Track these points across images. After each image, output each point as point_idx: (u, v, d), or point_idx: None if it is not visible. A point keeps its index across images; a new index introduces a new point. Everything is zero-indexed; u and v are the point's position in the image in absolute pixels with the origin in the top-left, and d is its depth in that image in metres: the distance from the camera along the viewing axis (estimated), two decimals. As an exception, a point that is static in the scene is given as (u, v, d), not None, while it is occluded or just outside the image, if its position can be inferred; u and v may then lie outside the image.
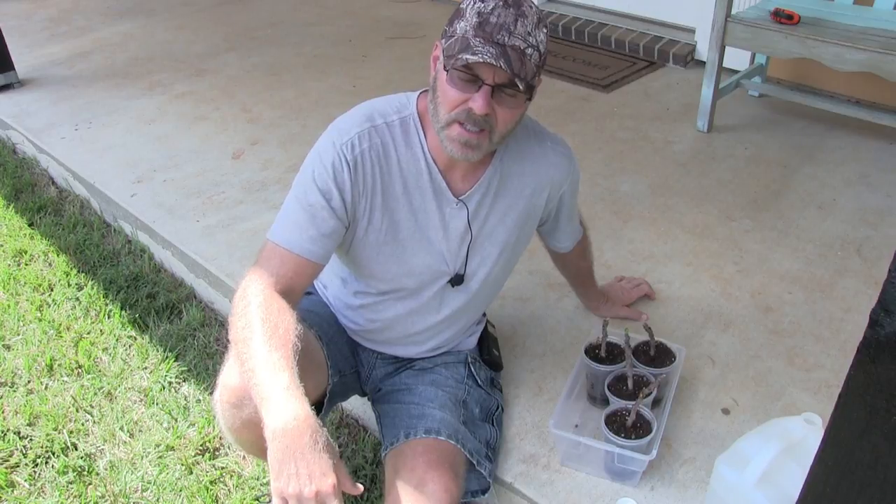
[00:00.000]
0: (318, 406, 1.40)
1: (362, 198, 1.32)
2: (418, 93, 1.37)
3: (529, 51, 1.18)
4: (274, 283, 1.26)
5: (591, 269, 1.84)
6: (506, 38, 1.16)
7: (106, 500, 1.69)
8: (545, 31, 1.21)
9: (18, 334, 2.18)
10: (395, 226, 1.36)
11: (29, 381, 2.01)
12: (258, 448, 1.27)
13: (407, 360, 1.58)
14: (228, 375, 1.26)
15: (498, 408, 1.62)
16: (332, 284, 1.57)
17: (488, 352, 1.66)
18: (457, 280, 1.45)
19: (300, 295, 1.33)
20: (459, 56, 1.15)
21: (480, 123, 1.21)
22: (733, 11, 2.66)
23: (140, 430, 1.86)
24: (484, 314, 1.70)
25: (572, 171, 1.49)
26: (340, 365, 1.50)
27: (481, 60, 1.14)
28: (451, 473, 1.35)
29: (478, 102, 1.18)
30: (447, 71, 1.19)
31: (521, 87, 1.18)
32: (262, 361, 1.14)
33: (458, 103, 1.20)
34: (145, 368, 2.04)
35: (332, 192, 1.28)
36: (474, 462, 1.43)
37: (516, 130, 1.31)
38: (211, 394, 1.88)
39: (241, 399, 1.24)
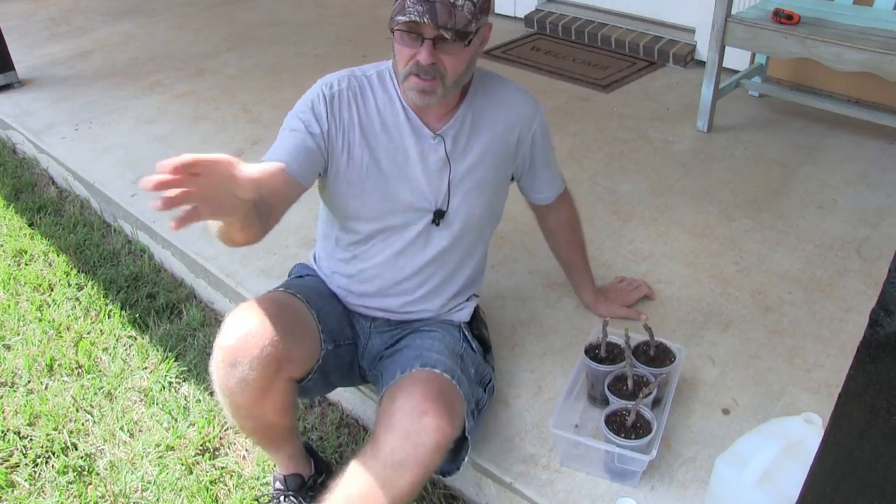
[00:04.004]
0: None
1: (339, 132, 1.45)
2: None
3: (461, 2, 1.31)
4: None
5: (582, 247, 1.85)
6: None
7: (106, 500, 1.70)
8: None
9: (18, 334, 2.18)
10: (377, 162, 1.48)
11: (29, 381, 2.02)
12: (250, 416, 1.40)
13: (402, 324, 1.61)
14: (225, 336, 1.34)
15: (490, 379, 1.62)
16: (324, 249, 1.65)
17: (478, 330, 1.68)
18: (439, 215, 1.53)
19: (275, 209, 1.33)
20: (396, 18, 1.32)
21: (431, 72, 1.36)
22: (733, 11, 2.66)
23: (140, 430, 1.86)
24: (476, 295, 1.70)
25: (538, 109, 1.61)
26: (335, 334, 1.54)
27: (408, 19, 1.29)
28: (448, 413, 1.32)
29: (422, 55, 1.34)
30: (393, 32, 1.36)
31: (448, 37, 1.31)
32: None
33: (409, 58, 1.36)
34: (145, 368, 2.04)
35: (310, 120, 1.43)
36: (465, 413, 1.40)
37: (483, 77, 1.52)
38: (211, 394, 1.88)
39: (236, 358, 1.32)
